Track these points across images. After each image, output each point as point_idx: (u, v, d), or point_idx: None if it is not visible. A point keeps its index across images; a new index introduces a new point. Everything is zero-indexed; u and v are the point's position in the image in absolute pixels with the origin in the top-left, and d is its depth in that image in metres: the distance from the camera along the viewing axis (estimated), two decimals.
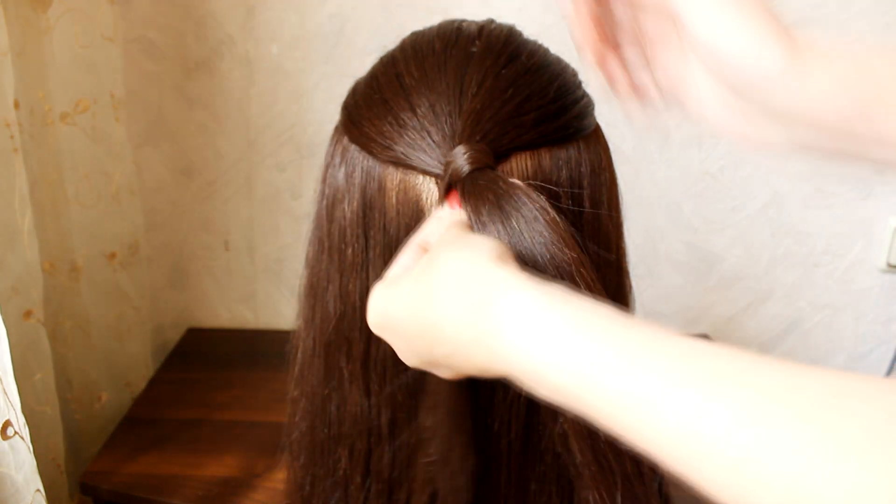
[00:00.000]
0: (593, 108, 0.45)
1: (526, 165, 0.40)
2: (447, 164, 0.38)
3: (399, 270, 0.37)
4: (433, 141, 0.39)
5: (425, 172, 0.40)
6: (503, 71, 0.41)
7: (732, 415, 0.22)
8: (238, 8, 1.11)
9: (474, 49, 0.42)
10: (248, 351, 1.22)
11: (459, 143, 0.39)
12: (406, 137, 0.40)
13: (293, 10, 1.11)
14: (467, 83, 0.40)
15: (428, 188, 0.40)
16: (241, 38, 1.13)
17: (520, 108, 0.40)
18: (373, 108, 0.42)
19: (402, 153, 0.40)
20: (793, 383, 0.22)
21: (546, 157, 0.41)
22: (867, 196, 1.21)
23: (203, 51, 1.13)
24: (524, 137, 0.40)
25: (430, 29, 0.45)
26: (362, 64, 0.47)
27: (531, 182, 0.40)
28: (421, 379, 0.42)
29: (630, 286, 0.47)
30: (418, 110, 0.40)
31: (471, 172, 0.38)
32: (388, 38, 0.46)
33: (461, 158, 0.38)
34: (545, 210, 0.35)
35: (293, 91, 1.16)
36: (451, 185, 0.38)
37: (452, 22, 0.45)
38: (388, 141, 0.41)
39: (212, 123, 1.18)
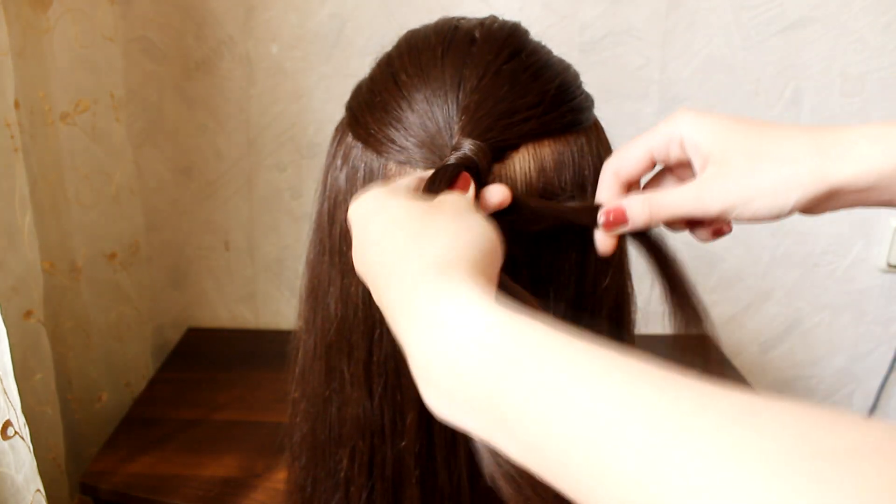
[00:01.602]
0: (592, 105, 0.45)
1: (529, 167, 0.40)
2: (453, 152, 0.38)
3: (406, 184, 0.36)
4: (433, 135, 0.39)
5: (427, 169, 0.40)
6: (504, 66, 0.40)
7: (645, 426, 0.21)
8: (238, 8, 1.11)
9: (475, 44, 0.42)
10: (248, 351, 1.22)
11: (461, 137, 0.39)
12: (406, 133, 0.40)
13: (293, 10, 1.11)
14: (466, 77, 0.40)
15: None
16: (241, 38, 1.13)
17: (520, 104, 0.40)
18: (374, 111, 0.42)
19: (400, 150, 0.40)
20: (704, 400, 0.22)
21: (548, 157, 0.40)
22: None
23: (203, 51, 1.13)
24: (524, 127, 0.39)
25: (427, 26, 0.45)
26: (362, 64, 0.47)
27: (535, 185, 0.40)
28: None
29: (632, 287, 0.48)
30: (416, 106, 0.40)
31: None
32: (388, 38, 0.46)
33: (468, 146, 0.38)
34: None
35: (293, 91, 1.16)
36: (460, 170, 0.38)
37: (450, 19, 0.45)
38: (389, 140, 0.41)
39: (212, 123, 1.18)
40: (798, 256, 1.25)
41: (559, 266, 0.41)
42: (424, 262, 0.28)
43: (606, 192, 0.41)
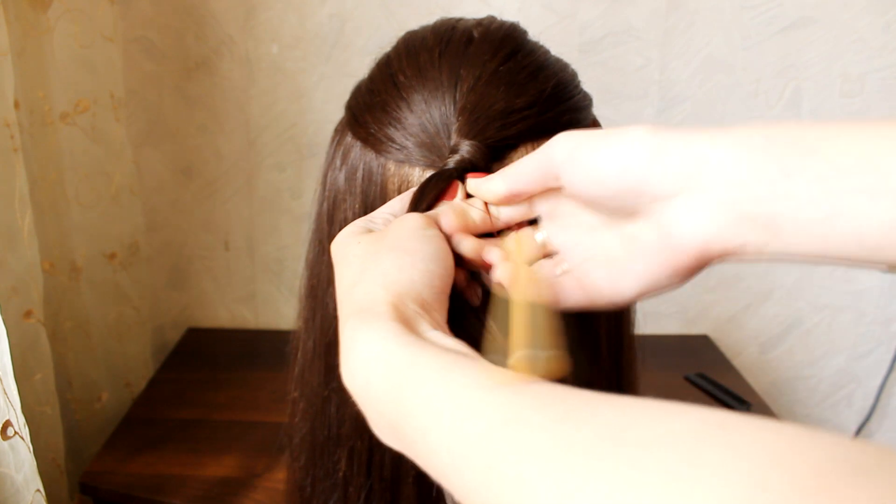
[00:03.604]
0: (591, 104, 0.45)
1: None
2: (451, 155, 0.38)
3: (373, 223, 0.38)
4: (432, 136, 0.39)
5: (426, 168, 0.40)
6: (501, 66, 0.40)
7: (490, 422, 0.24)
8: (238, 8, 1.11)
9: (472, 44, 0.42)
10: (248, 351, 1.22)
11: (459, 138, 0.39)
12: (405, 132, 0.40)
13: (293, 10, 1.11)
14: (463, 77, 0.40)
15: None
16: (241, 38, 1.13)
17: (517, 104, 0.40)
18: (373, 111, 0.42)
19: (400, 149, 0.40)
20: (550, 399, 0.24)
21: None
22: None
23: (203, 51, 1.13)
24: (521, 127, 0.40)
25: (425, 27, 0.45)
26: (362, 64, 0.47)
27: None
28: None
29: None
30: (414, 107, 0.40)
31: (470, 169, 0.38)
32: (388, 38, 0.46)
33: (465, 148, 0.38)
34: None
35: (293, 91, 1.16)
36: (455, 176, 0.38)
37: (449, 20, 0.45)
38: (388, 140, 0.41)
39: (212, 123, 1.18)
40: None
41: None
42: (350, 309, 0.32)
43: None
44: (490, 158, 0.39)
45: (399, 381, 0.28)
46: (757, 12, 1.12)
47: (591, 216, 0.36)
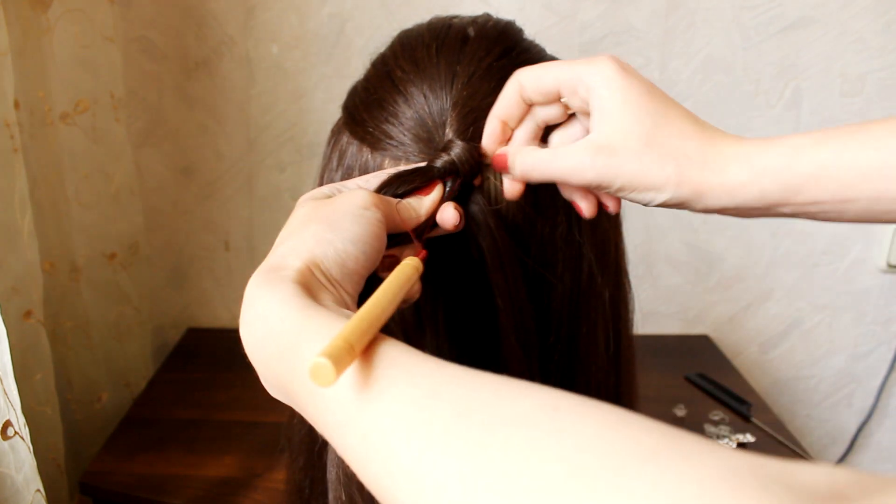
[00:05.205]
0: None
1: None
2: (442, 153, 0.38)
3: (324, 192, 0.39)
4: (429, 130, 0.40)
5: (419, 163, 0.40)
6: (495, 63, 0.41)
7: (371, 391, 0.26)
8: (238, 8, 1.11)
9: (468, 41, 0.42)
10: None
11: (452, 134, 0.39)
12: (401, 127, 0.40)
13: (293, 10, 1.11)
14: (459, 73, 0.40)
15: None
16: (241, 38, 1.13)
17: None
18: (370, 108, 0.42)
19: (397, 145, 0.40)
20: (418, 373, 0.26)
21: None
22: None
23: (203, 51, 1.13)
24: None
25: (420, 25, 0.45)
26: (362, 64, 0.47)
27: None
28: None
29: (629, 286, 0.47)
30: (411, 101, 0.40)
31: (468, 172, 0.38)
32: (387, 38, 0.47)
33: (456, 151, 0.38)
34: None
35: (293, 91, 1.16)
36: (436, 177, 0.38)
37: (444, 18, 0.45)
38: (385, 136, 0.41)
39: (212, 123, 1.18)
40: (798, 256, 1.25)
41: (554, 262, 0.41)
42: (265, 265, 0.33)
43: (495, 119, 0.39)
44: (480, 156, 0.39)
45: (291, 341, 0.29)
46: (757, 12, 1.12)
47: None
